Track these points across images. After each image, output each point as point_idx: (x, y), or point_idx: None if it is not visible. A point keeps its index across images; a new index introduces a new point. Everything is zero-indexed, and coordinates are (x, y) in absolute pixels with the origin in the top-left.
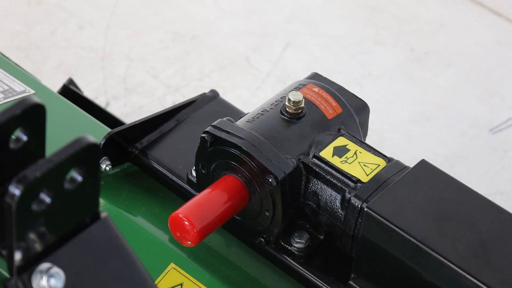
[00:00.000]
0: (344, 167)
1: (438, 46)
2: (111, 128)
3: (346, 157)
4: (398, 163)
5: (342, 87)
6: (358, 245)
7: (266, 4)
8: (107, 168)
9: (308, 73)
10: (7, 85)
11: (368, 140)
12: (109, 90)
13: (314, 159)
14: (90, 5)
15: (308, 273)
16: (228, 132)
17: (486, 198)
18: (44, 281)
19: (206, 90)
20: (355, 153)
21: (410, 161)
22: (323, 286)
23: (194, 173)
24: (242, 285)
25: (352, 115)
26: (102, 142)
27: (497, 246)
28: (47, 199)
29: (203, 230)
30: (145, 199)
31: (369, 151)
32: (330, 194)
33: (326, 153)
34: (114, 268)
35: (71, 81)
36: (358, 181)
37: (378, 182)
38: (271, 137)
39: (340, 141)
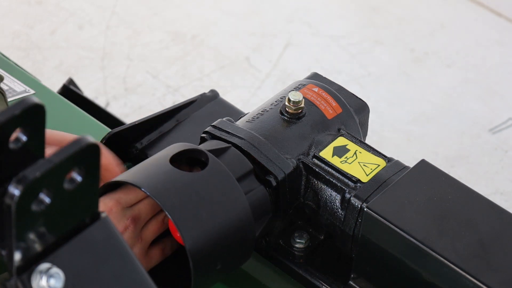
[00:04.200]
0: (344, 167)
1: (438, 46)
2: (111, 128)
3: (346, 157)
4: (398, 163)
5: (342, 87)
6: (358, 245)
7: (266, 4)
8: None
9: (308, 73)
10: (7, 85)
11: (368, 140)
12: (109, 90)
13: (314, 159)
14: (90, 5)
15: (308, 273)
16: (228, 132)
17: (486, 198)
18: (43, 281)
19: (206, 90)
20: (355, 153)
21: (410, 161)
22: (323, 286)
23: None
24: (242, 285)
25: (352, 115)
26: (102, 142)
27: (497, 246)
28: (47, 199)
29: None
30: None
31: (369, 151)
32: (330, 194)
33: (326, 153)
34: (113, 268)
35: (71, 81)
36: (358, 181)
37: (378, 182)
38: (271, 137)
39: (340, 141)
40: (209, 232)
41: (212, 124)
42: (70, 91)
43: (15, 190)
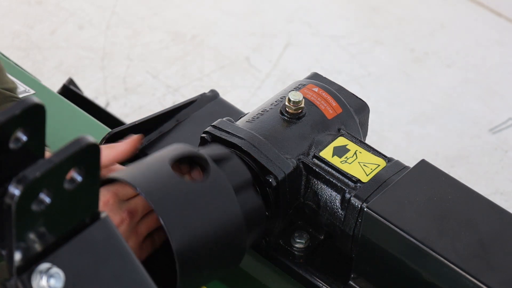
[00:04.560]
0: (344, 167)
1: (438, 46)
2: (111, 128)
3: (346, 157)
4: (398, 163)
5: (342, 87)
6: (358, 245)
7: (266, 4)
8: None
9: (308, 73)
10: None
11: (368, 140)
12: (109, 90)
13: (314, 159)
14: (90, 5)
15: (308, 273)
16: (228, 132)
17: (486, 198)
18: (43, 281)
19: (206, 90)
20: (355, 153)
21: (410, 161)
22: (323, 286)
23: None
24: (242, 285)
25: (352, 115)
26: (102, 143)
27: (497, 246)
28: (47, 199)
29: None
30: None
31: (369, 151)
32: (330, 194)
33: (326, 153)
34: (113, 268)
35: (71, 81)
36: (358, 181)
37: (378, 182)
38: (271, 137)
39: (340, 141)
40: (200, 241)
41: (212, 124)
42: (70, 91)
43: (15, 190)
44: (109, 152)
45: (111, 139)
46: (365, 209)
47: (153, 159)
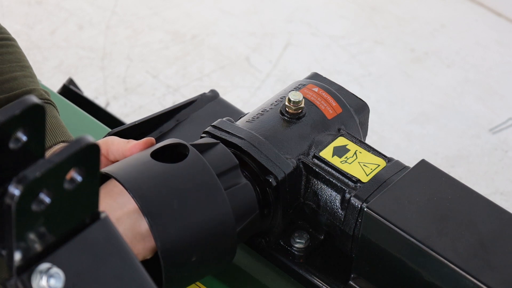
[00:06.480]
0: (344, 167)
1: (438, 46)
2: (111, 128)
3: (346, 157)
4: (398, 163)
5: (342, 87)
6: (358, 245)
7: (266, 4)
8: None
9: (308, 73)
10: None
11: (368, 140)
12: (109, 90)
13: (314, 159)
14: (90, 5)
15: (308, 273)
16: (228, 132)
17: (486, 198)
18: (43, 281)
19: (206, 90)
20: (355, 153)
21: (410, 161)
22: (323, 286)
23: None
24: (242, 285)
25: (352, 115)
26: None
27: (497, 246)
28: (47, 199)
29: None
30: None
31: (369, 151)
32: (330, 194)
33: (326, 153)
34: (113, 268)
35: (71, 81)
36: (358, 181)
37: (378, 182)
38: (271, 137)
39: (340, 141)
40: (180, 225)
41: (212, 124)
42: (70, 91)
43: (15, 190)
44: (126, 145)
45: None
46: (365, 209)
47: (138, 154)
